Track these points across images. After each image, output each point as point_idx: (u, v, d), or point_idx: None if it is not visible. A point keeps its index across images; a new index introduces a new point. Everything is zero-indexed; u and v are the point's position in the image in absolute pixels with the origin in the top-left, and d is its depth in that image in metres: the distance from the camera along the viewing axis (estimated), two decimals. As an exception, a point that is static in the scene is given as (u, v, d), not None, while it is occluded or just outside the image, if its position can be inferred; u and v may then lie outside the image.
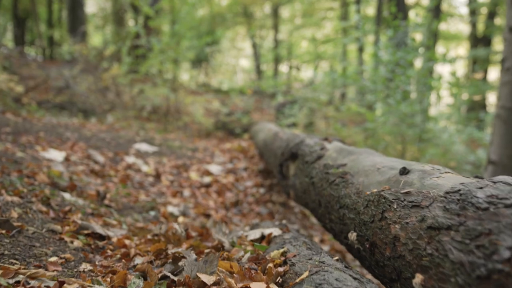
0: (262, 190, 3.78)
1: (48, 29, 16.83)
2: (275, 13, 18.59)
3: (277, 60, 19.11)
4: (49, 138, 3.66)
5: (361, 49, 15.15)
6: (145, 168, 3.59)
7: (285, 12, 20.05)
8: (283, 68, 21.14)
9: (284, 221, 2.01)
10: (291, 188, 2.46)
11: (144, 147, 4.13)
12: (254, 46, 19.29)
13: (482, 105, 13.67)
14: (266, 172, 4.27)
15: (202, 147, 5.04)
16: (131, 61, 9.13)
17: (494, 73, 15.46)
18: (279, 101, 10.30)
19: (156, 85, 8.26)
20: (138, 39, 9.13)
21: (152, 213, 2.53)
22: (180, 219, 2.70)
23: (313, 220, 3.66)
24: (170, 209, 2.79)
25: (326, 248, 3.09)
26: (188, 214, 2.84)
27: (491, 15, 13.56)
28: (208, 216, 2.99)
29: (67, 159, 3.19)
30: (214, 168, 4.04)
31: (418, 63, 6.34)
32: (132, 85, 8.78)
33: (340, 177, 1.48)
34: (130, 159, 3.69)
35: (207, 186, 3.58)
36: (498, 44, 15.12)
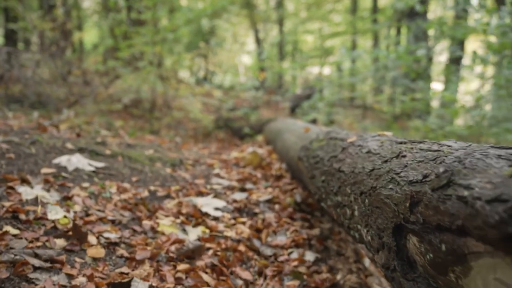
0: (310, 256, 1.80)
1: (40, 21, 15.11)
2: (280, 5, 16.98)
3: (281, 55, 17.53)
4: None
5: (376, 40, 13.54)
6: (55, 215, 1.62)
7: (290, 4, 18.43)
8: (287, 64, 19.53)
9: None
10: None
11: (77, 161, 2.17)
12: (258, 41, 17.59)
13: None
14: (308, 207, 2.29)
15: (192, 158, 3.06)
16: (112, 41, 7.19)
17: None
18: (295, 93, 8.34)
19: (138, 70, 6.28)
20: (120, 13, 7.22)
21: None
22: None
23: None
24: None
25: None
26: None
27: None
28: None
29: None
30: (211, 205, 2.07)
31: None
32: (110, 73, 6.83)
33: None
34: (29, 192, 1.73)
35: (192, 255, 1.61)
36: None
